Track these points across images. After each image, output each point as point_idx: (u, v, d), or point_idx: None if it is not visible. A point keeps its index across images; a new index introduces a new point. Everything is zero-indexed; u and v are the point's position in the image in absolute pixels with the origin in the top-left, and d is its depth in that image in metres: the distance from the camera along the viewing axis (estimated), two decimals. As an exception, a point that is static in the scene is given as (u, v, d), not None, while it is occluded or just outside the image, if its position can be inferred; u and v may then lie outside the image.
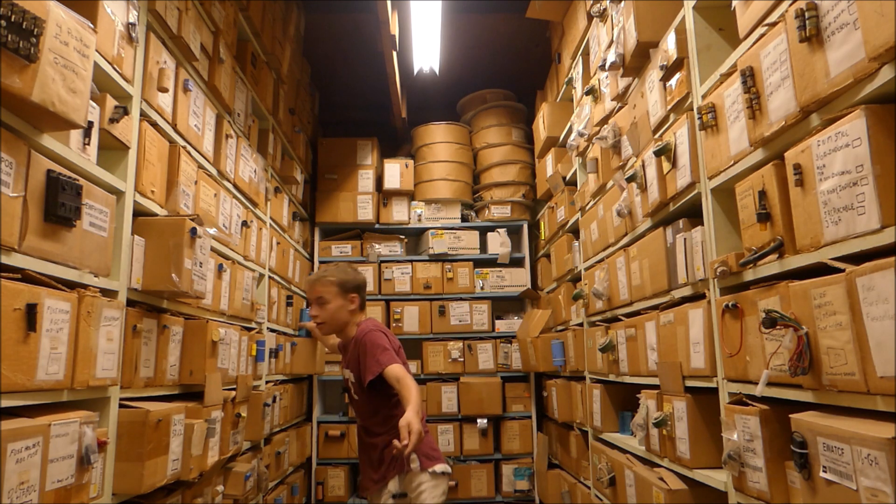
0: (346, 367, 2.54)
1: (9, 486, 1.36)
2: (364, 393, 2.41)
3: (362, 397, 2.44)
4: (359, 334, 2.44)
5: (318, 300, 2.45)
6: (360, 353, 2.39)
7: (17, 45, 1.33)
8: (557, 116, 4.27)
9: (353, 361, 2.44)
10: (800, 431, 1.41)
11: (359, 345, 2.40)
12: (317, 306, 2.45)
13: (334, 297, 2.45)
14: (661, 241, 2.37)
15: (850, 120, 1.28)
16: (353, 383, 2.48)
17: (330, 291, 2.45)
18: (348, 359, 2.51)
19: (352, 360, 2.46)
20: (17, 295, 1.43)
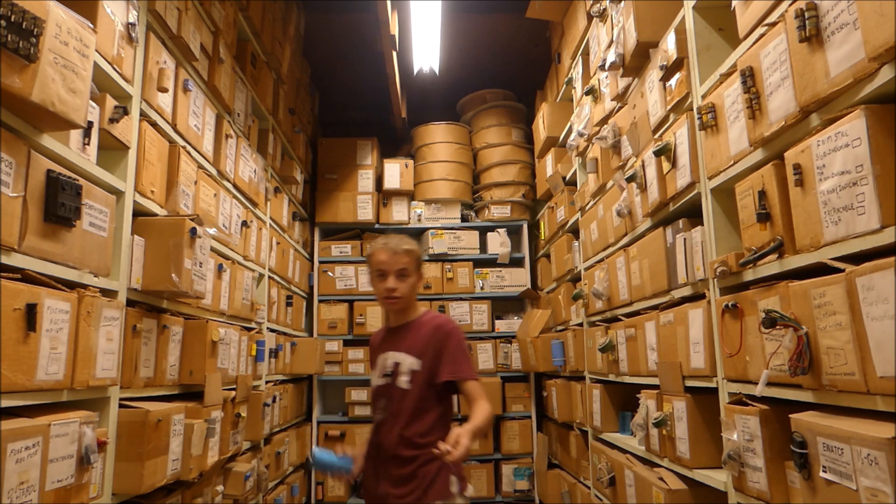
0: (402, 352, 2.08)
1: (9, 486, 1.36)
2: (421, 388, 2.01)
3: (415, 393, 2.02)
4: (437, 321, 2.10)
5: (401, 272, 2.06)
6: (442, 343, 2.03)
7: (17, 45, 1.33)
8: (557, 116, 4.27)
9: (422, 347, 2.04)
10: (800, 431, 1.41)
11: (441, 333, 2.04)
12: (396, 278, 2.06)
13: (414, 272, 2.10)
14: (660, 241, 2.37)
15: (850, 120, 1.28)
16: (412, 371, 2.03)
17: (412, 264, 2.09)
18: (409, 343, 2.08)
19: (418, 346, 2.05)
20: (17, 295, 1.43)
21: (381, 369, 2.10)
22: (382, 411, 2.07)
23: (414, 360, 2.04)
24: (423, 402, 2.02)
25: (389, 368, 2.08)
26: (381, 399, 2.08)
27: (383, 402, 2.07)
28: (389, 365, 2.08)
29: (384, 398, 2.07)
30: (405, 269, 2.05)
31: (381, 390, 2.09)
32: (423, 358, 2.03)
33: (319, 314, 5.00)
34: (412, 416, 2.01)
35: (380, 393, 2.09)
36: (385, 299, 2.07)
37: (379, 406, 2.09)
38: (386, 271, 2.04)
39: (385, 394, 2.07)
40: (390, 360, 2.08)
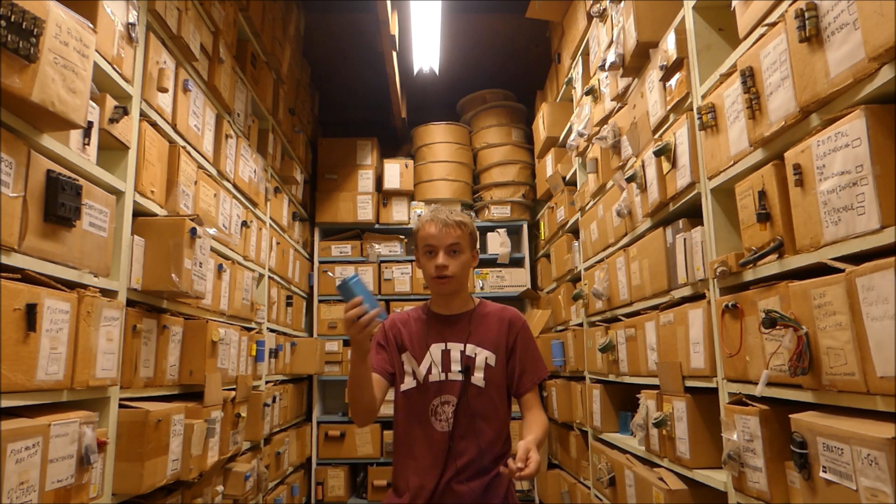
0: (474, 344, 1.79)
1: (9, 486, 1.36)
2: (494, 388, 1.77)
3: (489, 394, 1.76)
4: (509, 313, 1.86)
5: (452, 248, 1.76)
6: (519, 338, 1.81)
7: (17, 45, 1.33)
8: (557, 116, 4.27)
9: (495, 340, 1.79)
10: (800, 431, 1.41)
11: (518, 327, 1.82)
12: (448, 255, 1.75)
13: (467, 248, 1.79)
14: (660, 241, 2.37)
15: (850, 120, 1.28)
16: (487, 367, 1.77)
17: (465, 239, 1.78)
18: (481, 334, 1.80)
19: (490, 338, 1.80)
20: (16, 295, 1.43)
21: (443, 362, 1.76)
22: (445, 418, 1.74)
23: (490, 354, 1.78)
24: (496, 406, 1.76)
25: (460, 363, 1.75)
26: (437, 399, 1.74)
27: (445, 405, 1.74)
28: (457, 357, 1.76)
29: (447, 398, 1.74)
30: (457, 245, 1.76)
31: (441, 387, 1.74)
32: (497, 353, 1.78)
33: (319, 314, 5.00)
34: (486, 422, 1.74)
35: (438, 390, 1.75)
36: (434, 280, 1.77)
37: (436, 410, 1.75)
38: (435, 247, 1.75)
39: (451, 391, 1.74)
40: (457, 352, 1.77)
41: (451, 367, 1.76)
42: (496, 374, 1.77)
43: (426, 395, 1.75)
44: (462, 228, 1.77)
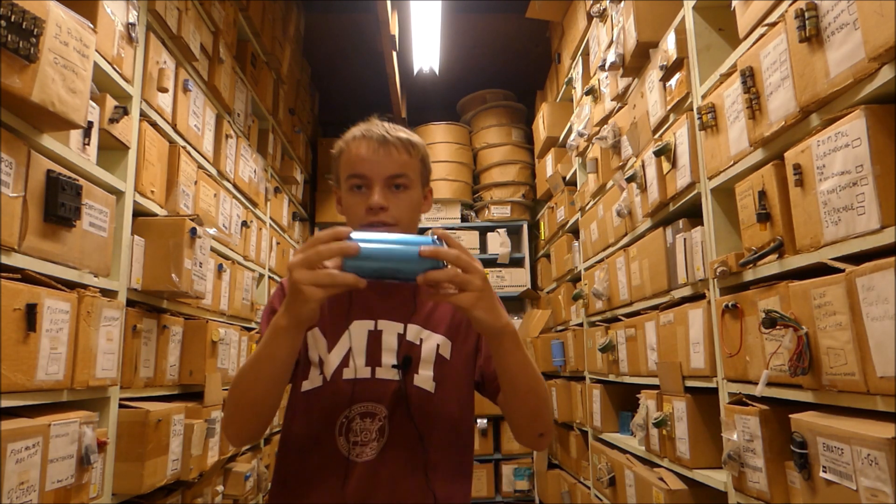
0: (418, 325, 1.19)
1: (9, 486, 1.36)
2: (453, 392, 1.19)
3: (446, 402, 1.17)
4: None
5: (396, 180, 1.17)
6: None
7: (17, 45, 1.33)
8: (557, 116, 4.27)
9: (455, 318, 1.21)
10: (800, 431, 1.41)
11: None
12: (388, 191, 1.16)
13: (417, 181, 1.21)
14: (660, 241, 2.37)
15: (850, 120, 1.28)
16: (440, 361, 1.18)
17: (415, 168, 1.20)
18: (430, 311, 1.21)
19: (447, 316, 1.21)
20: (17, 295, 1.43)
21: (369, 351, 1.15)
22: (365, 440, 1.12)
23: (444, 341, 1.18)
24: (454, 423, 1.18)
25: (397, 353, 1.15)
26: (353, 409, 1.12)
27: (367, 418, 1.12)
28: (392, 344, 1.16)
29: (371, 408, 1.12)
30: (403, 177, 1.16)
31: (362, 389, 1.13)
32: (455, 340, 1.19)
33: (319, 314, 4.99)
34: (439, 449, 1.14)
35: (357, 394, 1.12)
36: (366, 227, 1.13)
37: (349, 426, 1.12)
38: (368, 177, 1.14)
39: (378, 397, 1.13)
40: (392, 336, 1.16)
41: (380, 359, 1.14)
42: (455, 371, 1.17)
43: (336, 400, 1.12)
44: (411, 152, 1.18)
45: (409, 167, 1.19)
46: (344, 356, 1.16)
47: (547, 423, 1.13)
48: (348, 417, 1.13)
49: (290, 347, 0.99)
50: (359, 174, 1.16)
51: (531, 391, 1.08)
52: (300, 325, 0.97)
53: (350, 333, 1.17)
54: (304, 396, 1.16)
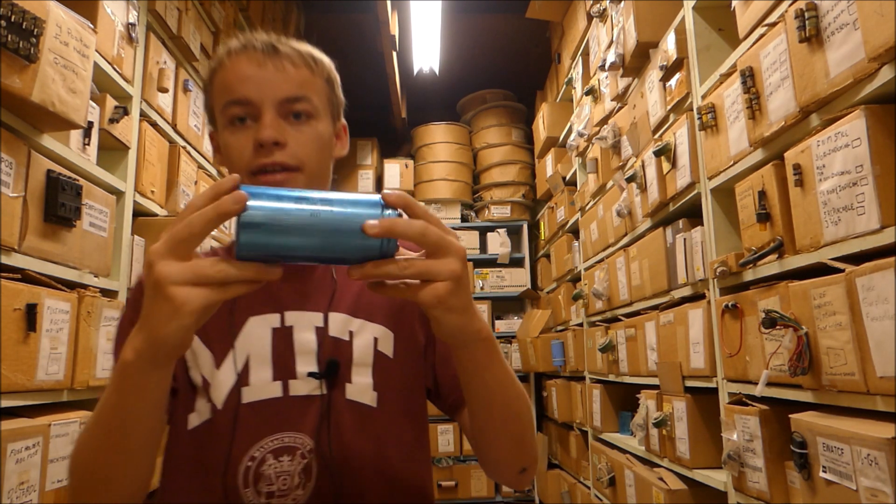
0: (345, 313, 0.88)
1: (9, 486, 1.36)
2: (400, 404, 0.90)
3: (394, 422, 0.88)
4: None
5: (293, 106, 0.85)
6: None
7: (17, 45, 1.33)
8: (557, 116, 4.27)
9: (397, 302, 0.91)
10: (799, 431, 1.41)
11: None
12: (285, 121, 0.84)
13: (324, 113, 0.90)
14: (660, 241, 2.37)
15: (850, 120, 1.28)
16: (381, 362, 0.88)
17: (320, 92, 0.90)
18: (362, 294, 0.90)
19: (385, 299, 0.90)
20: (17, 295, 1.43)
21: (277, 356, 0.84)
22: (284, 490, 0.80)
23: (385, 333, 0.89)
24: (407, 448, 0.89)
25: (317, 355, 0.85)
26: (262, 445, 0.81)
27: (283, 456, 0.81)
28: (309, 343, 0.85)
29: (289, 441, 0.81)
30: (304, 100, 0.85)
31: (272, 416, 0.82)
32: (400, 330, 0.90)
33: (319, 314, 4.99)
34: (391, 485, 0.85)
35: (265, 425, 0.81)
36: (256, 175, 0.83)
37: (258, 472, 0.80)
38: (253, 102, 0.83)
39: (297, 423, 0.82)
40: (307, 332, 0.85)
41: (294, 368, 0.83)
42: (402, 372, 0.89)
43: (235, 436, 0.80)
44: (313, 67, 0.88)
45: (312, 88, 0.86)
46: (240, 371, 0.81)
47: (532, 455, 0.82)
48: (256, 459, 0.79)
49: (151, 395, 0.63)
50: (240, 99, 0.82)
51: (514, 416, 0.77)
52: (166, 356, 0.59)
53: (245, 336, 0.83)
54: (190, 436, 0.81)
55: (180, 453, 0.83)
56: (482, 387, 0.74)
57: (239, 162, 0.83)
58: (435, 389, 0.94)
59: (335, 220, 0.59)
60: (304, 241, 0.57)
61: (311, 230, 0.57)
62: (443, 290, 0.61)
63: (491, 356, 0.72)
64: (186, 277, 0.56)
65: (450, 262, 0.62)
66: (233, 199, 0.55)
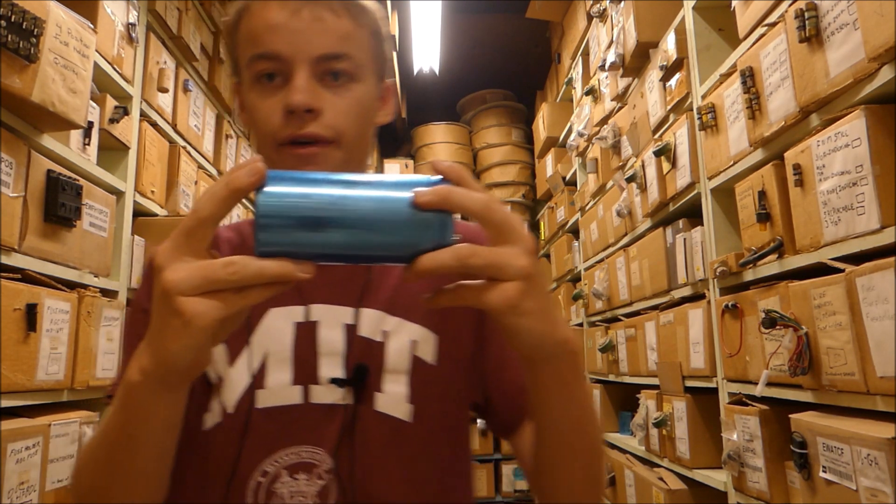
0: (381, 309, 0.75)
1: (9, 486, 1.36)
2: (443, 419, 0.75)
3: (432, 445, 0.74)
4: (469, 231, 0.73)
5: (330, 64, 0.70)
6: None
7: (17, 45, 1.33)
8: (557, 116, 4.27)
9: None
10: (799, 431, 1.41)
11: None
12: (320, 81, 0.70)
13: (368, 70, 0.75)
14: (660, 241, 2.37)
15: (850, 120, 1.28)
16: (419, 368, 0.74)
17: (366, 46, 0.74)
18: (401, 287, 0.76)
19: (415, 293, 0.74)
20: (17, 295, 1.43)
21: (299, 357, 0.73)
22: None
23: (425, 335, 0.75)
24: (449, 466, 0.76)
25: (344, 358, 0.73)
26: (275, 458, 0.69)
27: (300, 474, 0.69)
28: (337, 343, 0.73)
29: (306, 456, 0.70)
30: (345, 58, 0.71)
31: (288, 426, 0.70)
32: (444, 332, 0.76)
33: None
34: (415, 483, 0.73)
35: (281, 435, 0.70)
36: (283, 147, 0.70)
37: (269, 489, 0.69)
38: (283, 57, 0.70)
39: (315, 436, 0.70)
40: (335, 330, 0.73)
41: (317, 371, 0.72)
42: (444, 383, 0.75)
43: (245, 445, 0.70)
44: (358, 17, 0.73)
45: (356, 43, 0.72)
46: (256, 371, 0.71)
47: (601, 492, 0.70)
48: (269, 474, 0.69)
49: (162, 419, 0.55)
50: (268, 53, 0.69)
51: (589, 447, 0.65)
52: (178, 379, 0.51)
53: (264, 330, 0.73)
54: (203, 438, 0.71)
55: (188, 457, 0.69)
56: (559, 410, 0.61)
57: (265, 130, 0.71)
58: (486, 405, 0.79)
59: (377, 207, 0.47)
60: (338, 235, 0.46)
61: (347, 220, 0.47)
62: (514, 291, 0.49)
63: (575, 373, 0.59)
64: (195, 284, 0.45)
65: (519, 254, 0.49)
66: (247, 172, 0.46)
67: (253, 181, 0.46)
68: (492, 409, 0.79)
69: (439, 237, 0.48)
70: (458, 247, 0.48)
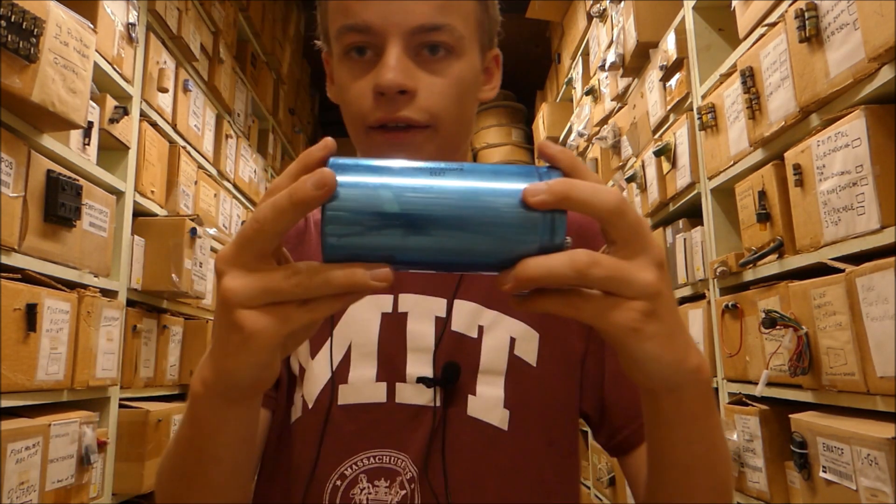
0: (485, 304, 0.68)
1: (9, 486, 1.36)
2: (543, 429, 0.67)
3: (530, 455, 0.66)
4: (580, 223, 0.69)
5: (432, 36, 0.63)
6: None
7: (17, 45, 1.33)
8: (557, 116, 4.27)
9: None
10: (799, 431, 1.41)
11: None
12: (415, 57, 0.63)
13: (472, 43, 0.66)
14: (660, 241, 2.37)
15: (850, 120, 1.28)
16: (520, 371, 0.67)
17: (470, 18, 0.66)
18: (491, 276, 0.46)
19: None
20: (17, 295, 1.43)
21: (384, 353, 0.67)
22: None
23: (526, 332, 0.68)
24: (552, 481, 0.67)
25: (433, 355, 0.66)
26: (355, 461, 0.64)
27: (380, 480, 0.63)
28: (426, 338, 0.67)
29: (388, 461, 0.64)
30: (445, 29, 0.63)
31: (370, 426, 0.65)
32: (547, 331, 0.69)
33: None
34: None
35: (361, 436, 0.65)
36: (374, 130, 0.65)
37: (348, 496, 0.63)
38: (375, 29, 0.63)
39: (399, 440, 0.64)
40: (425, 323, 0.67)
41: (404, 368, 0.66)
42: (547, 387, 0.68)
43: (325, 444, 0.65)
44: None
45: (457, 11, 0.64)
46: (338, 364, 0.67)
47: None
48: (347, 478, 0.64)
49: (231, 434, 0.50)
50: (358, 25, 0.63)
51: (717, 487, 0.55)
52: (240, 394, 0.47)
53: (348, 320, 0.68)
54: (289, 434, 0.68)
55: (276, 453, 0.68)
56: (682, 446, 0.51)
57: (354, 111, 0.66)
58: (599, 418, 0.70)
59: (472, 204, 0.39)
60: (423, 240, 0.39)
61: (434, 220, 0.39)
62: (639, 311, 0.41)
63: (705, 405, 0.50)
64: (254, 295, 0.40)
65: (647, 266, 0.41)
66: (314, 184, 0.38)
67: (320, 195, 0.38)
68: (605, 424, 0.69)
69: (548, 240, 0.39)
70: (575, 253, 0.39)
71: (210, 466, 0.51)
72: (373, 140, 0.64)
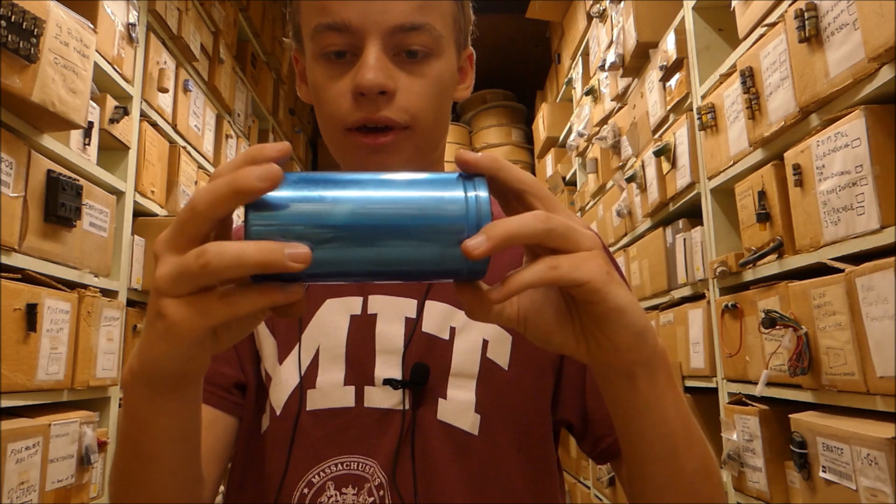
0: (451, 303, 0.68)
1: (9, 486, 1.36)
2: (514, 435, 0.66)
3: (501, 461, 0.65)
4: None
5: (407, 40, 0.62)
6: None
7: (18, 45, 1.33)
8: (557, 116, 4.27)
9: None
10: (799, 431, 1.41)
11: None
12: (395, 58, 0.62)
13: (448, 44, 0.66)
14: (660, 241, 2.37)
15: (850, 120, 1.28)
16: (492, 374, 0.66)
17: (447, 17, 0.65)
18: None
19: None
20: (17, 295, 1.43)
21: (352, 353, 0.66)
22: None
23: (493, 332, 0.67)
24: (527, 489, 0.66)
25: (402, 357, 0.65)
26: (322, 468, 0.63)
27: (347, 488, 0.62)
28: (395, 339, 0.66)
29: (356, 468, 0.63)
30: (424, 29, 0.62)
31: (338, 432, 0.64)
32: (519, 333, 0.52)
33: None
34: None
35: (333, 445, 0.64)
36: (350, 133, 0.63)
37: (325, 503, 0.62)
38: (353, 28, 0.61)
39: (368, 446, 0.63)
40: (395, 324, 0.66)
41: (373, 371, 0.65)
42: (519, 391, 0.67)
43: (293, 451, 0.64)
44: None
45: (435, 11, 0.63)
46: (306, 369, 0.65)
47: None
48: (315, 485, 0.62)
49: (163, 428, 0.48)
50: (337, 23, 0.61)
51: (700, 469, 0.53)
52: (165, 386, 0.44)
53: (317, 324, 0.66)
54: (261, 442, 0.66)
55: (247, 462, 0.67)
56: (662, 426, 0.50)
57: (331, 112, 0.63)
58: (582, 427, 0.69)
59: (396, 218, 0.39)
60: (347, 252, 0.39)
61: (358, 235, 0.39)
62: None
63: (674, 385, 0.50)
64: (174, 282, 0.38)
65: (591, 258, 0.41)
66: (259, 175, 0.37)
67: (263, 188, 0.37)
68: (589, 432, 0.69)
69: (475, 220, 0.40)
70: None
71: (146, 463, 0.50)
72: (351, 141, 0.63)
